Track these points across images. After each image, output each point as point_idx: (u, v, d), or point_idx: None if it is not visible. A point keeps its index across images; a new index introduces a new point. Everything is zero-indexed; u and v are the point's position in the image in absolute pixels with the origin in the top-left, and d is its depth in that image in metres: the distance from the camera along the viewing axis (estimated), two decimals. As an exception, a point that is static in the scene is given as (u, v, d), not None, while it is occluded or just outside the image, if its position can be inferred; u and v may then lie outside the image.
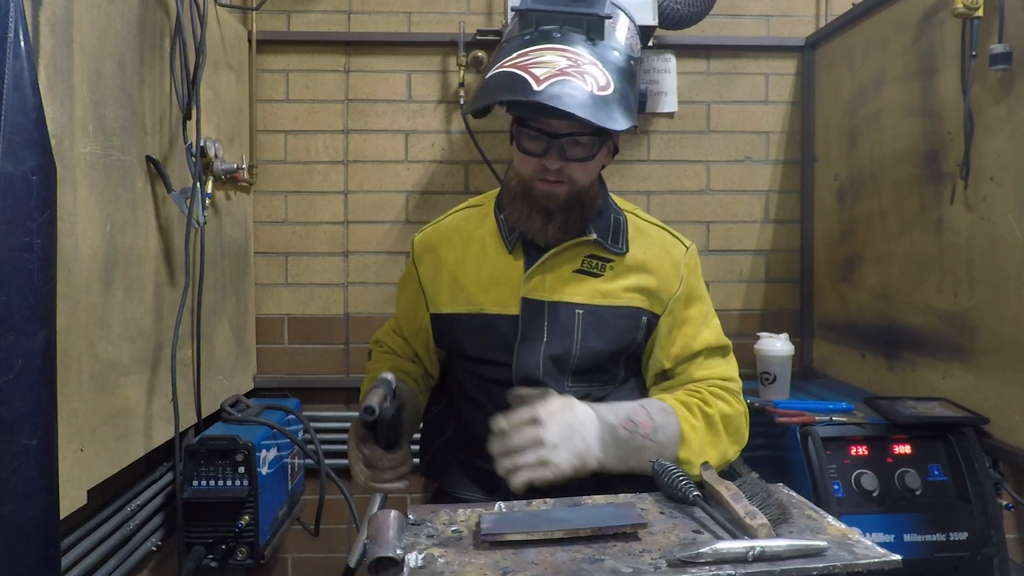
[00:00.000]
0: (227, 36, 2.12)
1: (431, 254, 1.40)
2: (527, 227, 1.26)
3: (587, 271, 1.31)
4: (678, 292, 1.33)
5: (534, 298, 1.29)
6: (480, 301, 1.32)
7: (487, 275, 1.33)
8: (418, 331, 1.44)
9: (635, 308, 1.31)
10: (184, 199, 1.66)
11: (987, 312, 1.61)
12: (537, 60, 1.11)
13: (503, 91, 1.11)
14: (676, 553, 0.89)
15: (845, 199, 2.21)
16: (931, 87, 1.79)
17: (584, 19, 1.16)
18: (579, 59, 1.12)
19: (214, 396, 1.98)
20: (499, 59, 1.17)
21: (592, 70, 1.11)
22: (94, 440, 1.34)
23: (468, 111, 1.19)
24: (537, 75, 1.08)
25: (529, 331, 1.29)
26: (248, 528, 1.79)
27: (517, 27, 1.21)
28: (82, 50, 1.30)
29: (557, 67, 1.09)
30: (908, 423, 1.64)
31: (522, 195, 1.26)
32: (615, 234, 1.33)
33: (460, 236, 1.38)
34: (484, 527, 0.96)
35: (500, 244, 1.33)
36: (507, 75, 1.11)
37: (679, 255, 1.36)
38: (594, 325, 1.29)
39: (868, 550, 0.91)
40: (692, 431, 1.23)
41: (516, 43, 1.17)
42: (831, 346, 2.31)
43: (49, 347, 1.02)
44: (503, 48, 1.20)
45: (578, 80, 1.09)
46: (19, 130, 0.98)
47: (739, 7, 2.44)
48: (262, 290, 2.40)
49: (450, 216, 1.45)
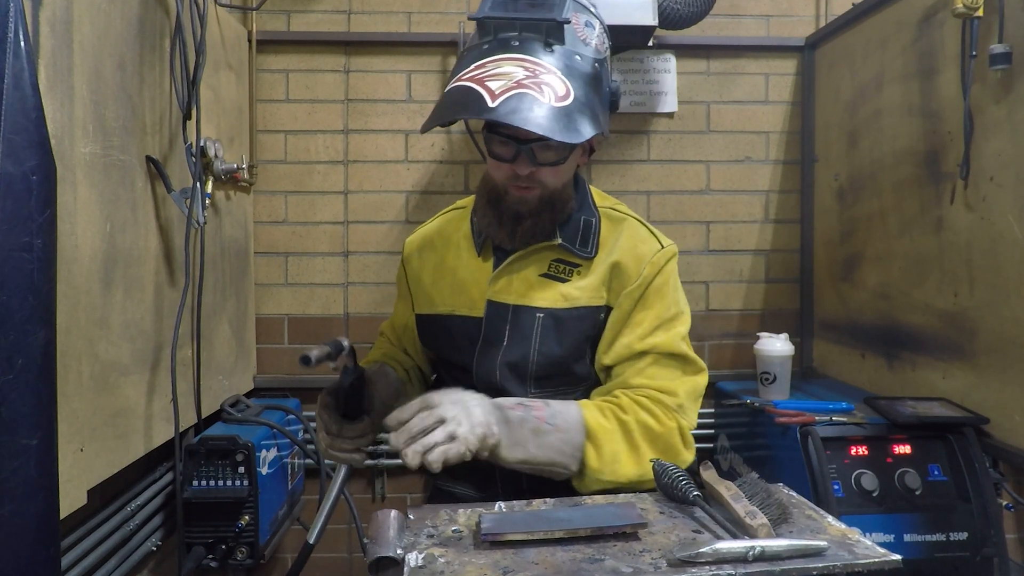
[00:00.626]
0: (227, 36, 2.12)
1: (416, 256, 1.44)
2: (495, 233, 1.27)
3: (554, 276, 1.29)
4: (633, 286, 1.26)
5: (499, 301, 1.29)
6: (452, 303, 1.35)
7: (460, 277, 1.35)
8: (406, 329, 1.49)
9: (593, 307, 1.27)
10: (184, 199, 1.66)
11: (987, 312, 1.61)
12: (493, 72, 1.09)
13: (457, 109, 1.09)
14: (676, 553, 0.89)
15: (845, 199, 2.21)
16: (931, 87, 1.79)
17: (543, 25, 1.14)
18: (537, 68, 1.10)
19: (214, 396, 1.98)
20: (457, 71, 1.16)
21: (551, 79, 1.10)
22: (94, 440, 1.34)
23: (425, 130, 1.16)
24: (492, 89, 1.07)
25: (490, 334, 1.29)
26: (248, 528, 1.79)
27: (476, 36, 1.19)
28: (82, 50, 1.30)
29: (514, 79, 1.08)
30: (908, 423, 1.64)
31: (494, 200, 1.26)
32: (584, 237, 1.30)
33: (441, 239, 1.42)
34: (484, 527, 0.96)
35: (471, 246, 1.35)
36: (462, 90, 1.09)
37: (646, 251, 1.28)
38: (553, 329, 1.27)
39: (868, 550, 0.91)
40: (600, 429, 1.17)
41: (475, 53, 1.15)
42: (831, 346, 2.31)
43: (49, 347, 1.02)
44: (462, 58, 1.18)
45: (535, 92, 1.07)
46: (19, 130, 0.98)
47: (739, 7, 2.44)
48: (262, 290, 2.40)
49: (437, 219, 1.48)
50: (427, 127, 1.16)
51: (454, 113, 1.11)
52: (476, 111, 1.06)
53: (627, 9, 1.98)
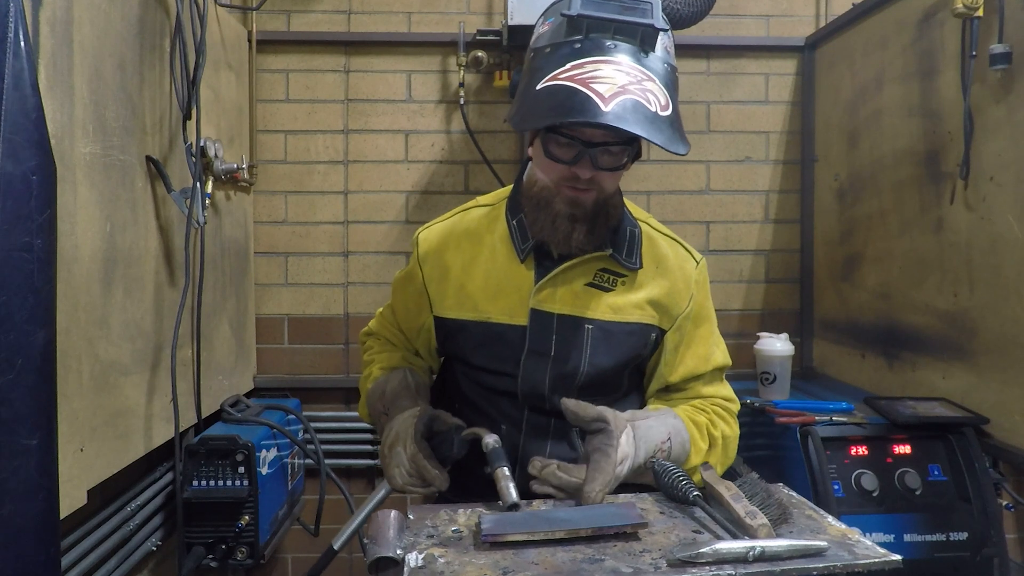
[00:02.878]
0: (227, 36, 2.12)
1: (437, 255, 1.34)
2: (551, 236, 1.21)
3: (598, 285, 1.26)
4: (687, 310, 1.30)
5: (544, 310, 1.25)
6: (487, 309, 1.28)
7: (495, 282, 1.28)
8: (420, 331, 1.39)
9: (645, 324, 1.28)
10: (184, 199, 1.66)
11: (987, 312, 1.61)
12: (594, 74, 1.05)
13: (569, 111, 1.04)
14: (676, 553, 0.89)
15: (845, 199, 2.21)
16: (931, 87, 1.79)
17: (638, 30, 1.10)
18: (639, 75, 1.07)
19: (214, 396, 1.98)
20: (547, 67, 1.10)
21: (652, 87, 1.07)
22: (94, 440, 1.34)
23: (524, 129, 1.11)
24: (600, 92, 1.03)
25: (536, 344, 1.25)
26: (248, 528, 1.79)
27: (562, 32, 1.12)
28: (82, 50, 1.30)
29: (618, 83, 1.04)
30: (908, 423, 1.64)
31: (543, 203, 1.20)
32: (630, 248, 1.29)
33: (469, 239, 1.32)
34: (484, 527, 0.96)
35: (511, 251, 1.28)
36: (567, 91, 1.05)
37: (691, 271, 1.33)
38: (603, 341, 1.26)
39: (868, 550, 0.91)
40: (697, 456, 1.25)
41: (565, 51, 1.10)
42: (831, 346, 2.31)
43: (49, 347, 1.02)
44: (548, 55, 1.12)
45: (641, 99, 1.04)
46: (19, 130, 0.98)
47: (739, 7, 2.44)
48: (262, 290, 2.40)
49: (458, 215, 1.38)
50: (528, 126, 1.12)
51: (567, 115, 1.04)
52: (591, 114, 1.02)
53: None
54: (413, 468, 1.17)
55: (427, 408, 1.24)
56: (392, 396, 1.29)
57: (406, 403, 1.27)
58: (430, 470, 1.15)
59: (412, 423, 1.19)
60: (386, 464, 1.21)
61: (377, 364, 1.41)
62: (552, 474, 1.10)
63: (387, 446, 1.21)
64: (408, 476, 1.18)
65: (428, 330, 1.37)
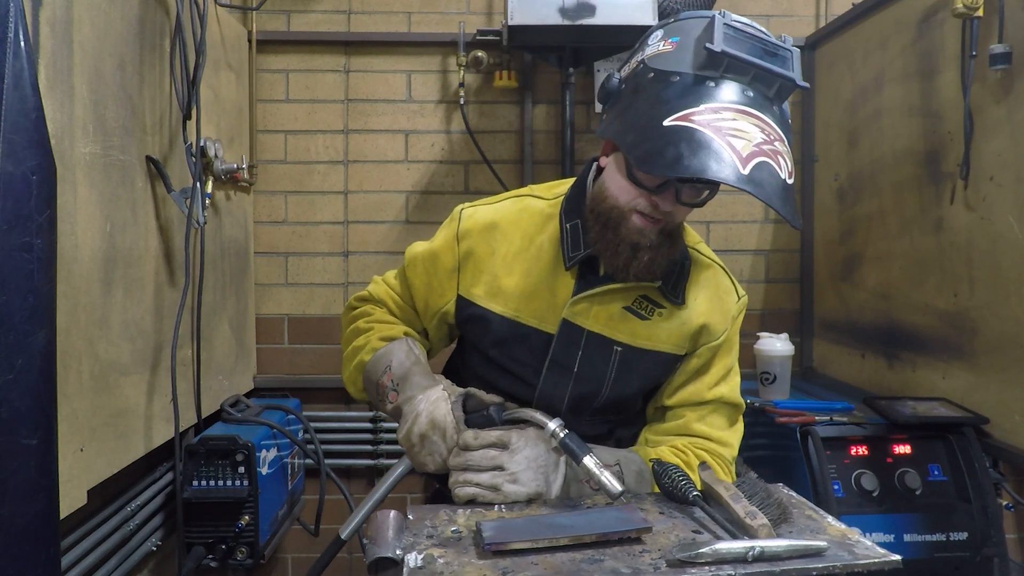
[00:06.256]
0: (227, 36, 2.12)
1: (484, 235, 1.25)
2: (610, 260, 1.14)
3: (635, 311, 1.21)
4: (716, 342, 1.24)
5: (576, 323, 1.20)
6: (518, 307, 1.22)
7: (534, 283, 1.22)
8: (437, 312, 1.29)
9: (674, 355, 1.23)
10: (184, 199, 1.66)
11: (987, 312, 1.61)
12: (732, 127, 0.97)
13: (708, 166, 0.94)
14: (676, 553, 0.88)
15: (845, 199, 2.21)
16: (931, 87, 1.79)
17: (777, 81, 1.03)
18: (772, 134, 0.99)
19: (214, 396, 1.98)
20: (674, 100, 1.00)
21: (782, 150, 0.99)
22: (94, 440, 1.34)
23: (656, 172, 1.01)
24: (738, 150, 0.95)
25: (560, 355, 1.21)
26: (248, 528, 1.79)
27: (692, 62, 1.02)
28: (82, 50, 1.30)
29: (754, 142, 0.96)
30: (908, 423, 1.64)
31: (611, 225, 1.13)
32: (676, 281, 1.23)
33: (519, 231, 1.24)
34: (487, 535, 0.94)
35: (558, 256, 1.21)
36: (704, 139, 0.96)
37: (731, 305, 1.26)
38: (629, 366, 1.21)
39: (868, 550, 0.91)
40: None
41: (701, 90, 1.00)
42: (831, 346, 2.31)
43: (49, 347, 1.02)
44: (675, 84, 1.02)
45: (774, 163, 0.97)
46: (19, 130, 0.98)
47: (739, 7, 2.44)
48: (262, 290, 2.40)
49: (510, 200, 1.29)
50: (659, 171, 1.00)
51: (704, 170, 0.94)
52: (728, 175, 0.94)
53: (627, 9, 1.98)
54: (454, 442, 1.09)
55: (453, 387, 1.17)
56: (402, 372, 1.20)
57: (422, 380, 1.18)
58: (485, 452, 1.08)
59: (445, 408, 1.12)
60: (414, 452, 1.13)
61: (376, 334, 1.28)
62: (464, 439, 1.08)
63: (416, 435, 1.12)
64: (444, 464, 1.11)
65: (447, 311, 1.28)
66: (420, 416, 1.12)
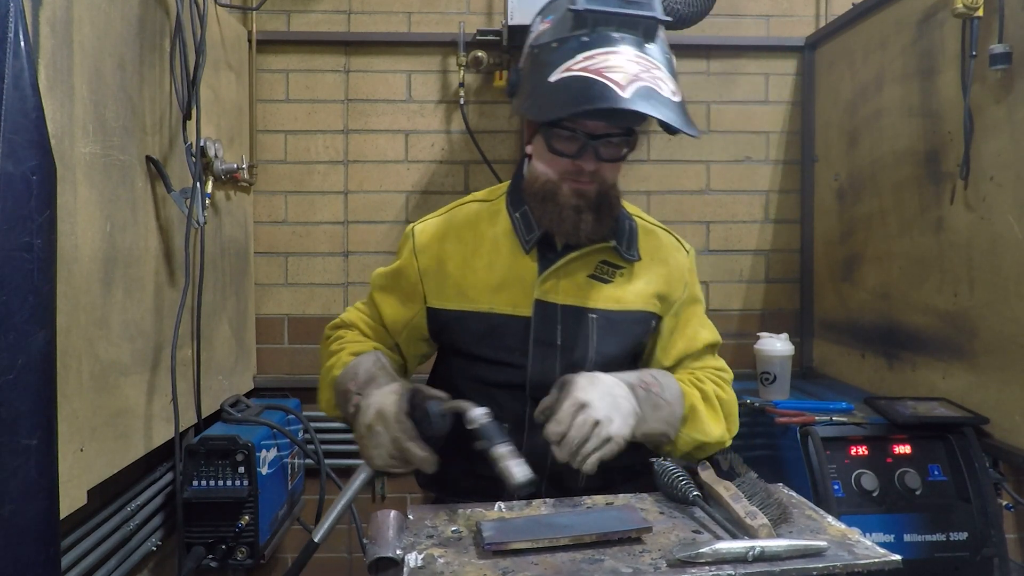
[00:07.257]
0: (227, 36, 2.12)
1: (435, 246, 1.33)
2: (558, 227, 1.24)
3: (599, 277, 1.31)
4: (683, 296, 1.37)
5: (548, 300, 1.28)
6: (489, 300, 1.29)
7: (498, 275, 1.29)
8: (407, 326, 1.36)
9: (648, 312, 1.33)
10: (184, 199, 1.66)
11: (987, 312, 1.61)
12: (605, 64, 1.09)
13: (590, 99, 1.07)
14: (676, 553, 0.89)
15: (845, 199, 2.21)
16: (931, 87, 1.79)
17: (641, 22, 1.14)
18: (647, 63, 1.11)
19: (214, 396, 1.98)
20: (556, 61, 1.14)
21: (660, 75, 1.11)
22: (94, 440, 1.34)
23: (546, 119, 1.16)
24: (618, 80, 1.07)
25: (542, 334, 1.27)
26: (248, 528, 1.79)
27: (567, 27, 1.15)
28: (82, 50, 1.30)
29: (630, 72, 1.09)
30: (908, 423, 1.64)
31: (548, 196, 1.24)
32: (629, 241, 1.34)
33: (471, 232, 1.33)
34: (487, 535, 0.94)
35: (515, 244, 1.30)
36: (584, 81, 1.09)
37: (683, 260, 1.40)
38: (609, 330, 1.29)
39: (868, 550, 0.91)
40: (692, 394, 1.27)
41: (573, 44, 1.13)
42: (831, 346, 2.31)
43: (49, 347, 1.01)
44: (555, 49, 1.15)
45: (654, 86, 1.09)
46: (19, 130, 0.98)
47: (739, 7, 2.44)
48: (262, 290, 2.40)
49: (456, 209, 1.39)
50: (550, 116, 1.14)
51: (590, 103, 1.07)
52: (612, 101, 1.05)
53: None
54: (395, 449, 1.09)
55: (407, 383, 1.18)
56: (366, 378, 1.22)
57: (384, 381, 1.20)
58: (414, 451, 1.08)
59: (393, 399, 1.12)
60: (363, 445, 1.14)
61: (347, 351, 1.33)
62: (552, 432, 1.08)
63: (364, 425, 1.13)
64: (389, 458, 1.10)
65: (417, 325, 1.35)
66: (370, 408, 1.14)
